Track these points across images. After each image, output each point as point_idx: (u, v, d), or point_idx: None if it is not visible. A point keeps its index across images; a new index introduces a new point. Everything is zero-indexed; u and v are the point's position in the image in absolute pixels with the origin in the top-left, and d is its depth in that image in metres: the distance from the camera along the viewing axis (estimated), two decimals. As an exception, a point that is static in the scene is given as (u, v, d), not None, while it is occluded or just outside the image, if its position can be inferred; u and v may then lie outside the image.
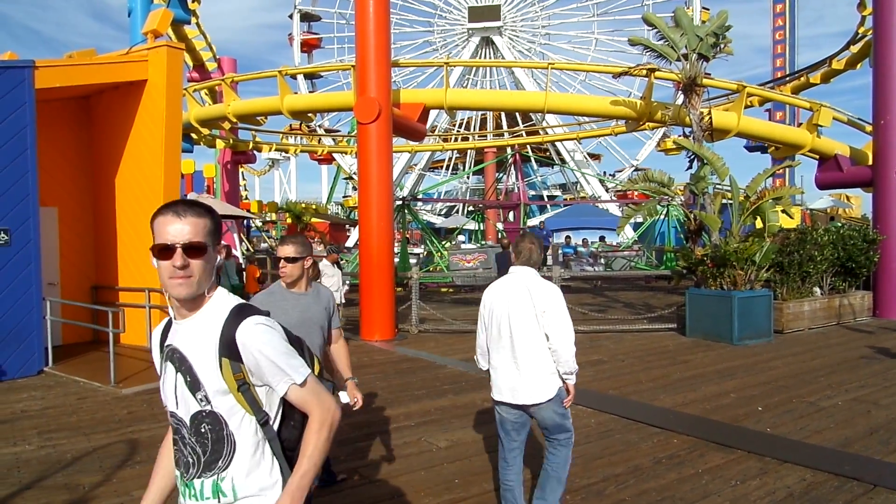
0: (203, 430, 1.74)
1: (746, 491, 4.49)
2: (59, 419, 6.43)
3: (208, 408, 1.73)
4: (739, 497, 4.39)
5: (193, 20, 20.69)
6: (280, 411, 1.81)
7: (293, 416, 1.83)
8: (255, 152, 27.24)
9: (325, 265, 10.17)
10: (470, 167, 46.49)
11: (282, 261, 3.64)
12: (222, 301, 1.79)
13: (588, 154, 44.44)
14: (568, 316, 3.71)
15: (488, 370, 3.93)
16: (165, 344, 1.81)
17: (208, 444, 1.74)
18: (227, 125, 19.91)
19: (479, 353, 4.01)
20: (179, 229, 1.69)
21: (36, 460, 5.21)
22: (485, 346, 3.94)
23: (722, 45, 13.33)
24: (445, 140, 37.61)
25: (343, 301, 11.40)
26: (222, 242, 1.82)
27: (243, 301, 1.85)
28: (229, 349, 1.71)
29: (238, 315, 1.75)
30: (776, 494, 4.42)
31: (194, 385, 1.73)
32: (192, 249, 1.69)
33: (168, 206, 1.73)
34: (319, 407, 1.78)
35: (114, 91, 10.43)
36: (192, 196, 17.09)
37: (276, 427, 1.81)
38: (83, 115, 11.09)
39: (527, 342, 3.68)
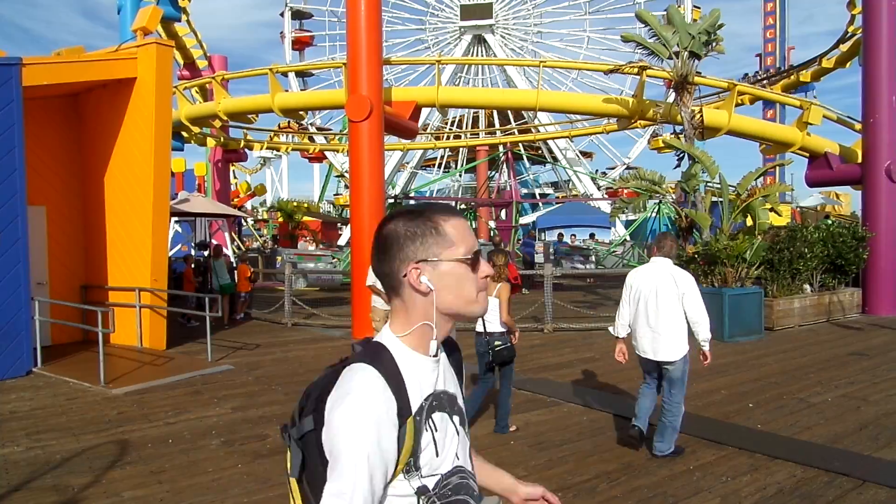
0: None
1: (737, 487, 4.51)
2: (48, 420, 6.39)
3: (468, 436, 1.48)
4: (730, 493, 4.41)
5: (184, 17, 20.60)
6: None
7: None
8: (246, 150, 27.12)
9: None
10: (462, 165, 46.34)
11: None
12: None
13: (580, 152, 44.38)
14: (701, 296, 5.00)
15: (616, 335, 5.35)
16: (420, 399, 1.31)
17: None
18: (217, 123, 19.81)
19: (619, 323, 5.29)
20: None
21: (25, 462, 5.17)
22: (627, 317, 5.22)
23: (714, 44, 13.37)
24: (438, 138, 37.54)
25: None
26: (214, 242, 1.61)
27: None
28: (459, 367, 1.52)
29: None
30: (766, 490, 4.44)
31: (462, 418, 1.44)
32: None
33: (447, 207, 1.42)
34: None
35: (103, 89, 10.36)
36: (182, 195, 16.98)
37: None
38: (72, 113, 11.01)
39: (668, 315, 4.94)
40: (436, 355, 1.37)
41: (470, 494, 1.40)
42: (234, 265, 14.61)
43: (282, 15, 47.89)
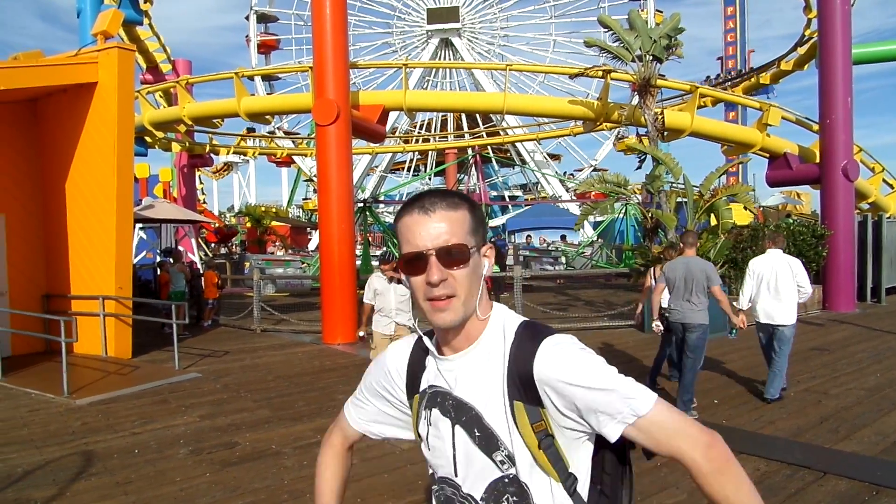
0: None
1: (703, 482, 4.59)
2: (8, 433, 6.21)
3: (512, 472, 1.26)
4: (696, 489, 4.46)
5: (146, 21, 20.27)
6: (588, 471, 1.32)
7: (601, 478, 1.33)
8: (212, 155, 26.75)
9: (376, 279, 6.88)
10: (431, 168, 46.48)
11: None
12: (502, 322, 1.31)
13: (548, 154, 44.83)
14: (807, 274, 6.76)
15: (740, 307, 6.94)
16: (425, 385, 1.34)
17: None
18: (182, 128, 19.53)
19: (743, 299, 7.00)
20: (430, 230, 1.23)
21: (-16, 476, 5.02)
22: (749, 294, 6.92)
23: (674, 48, 13.63)
24: (406, 141, 37.60)
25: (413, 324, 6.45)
26: (181, 249, 1.66)
27: (529, 319, 1.33)
28: (523, 388, 1.24)
29: (530, 338, 1.26)
30: (732, 484, 4.53)
31: (489, 443, 1.26)
32: (449, 256, 1.22)
33: (412, 200, 1.28)
34: (694, 438, 1.22)
35: (63, 94, 10.14)
36: (146, 201, 16.70)
37: (584, 494, 1.29)
38: (30, 118, 10.74)
39: (785, 290, 6.65)
40: (444, 352, 1.34)
41: None
42: (201, 272, 14.39)
43: (247, 18, 47.42)
